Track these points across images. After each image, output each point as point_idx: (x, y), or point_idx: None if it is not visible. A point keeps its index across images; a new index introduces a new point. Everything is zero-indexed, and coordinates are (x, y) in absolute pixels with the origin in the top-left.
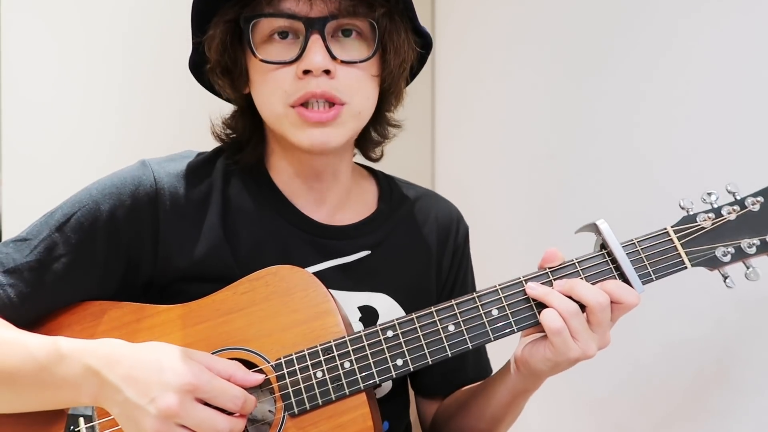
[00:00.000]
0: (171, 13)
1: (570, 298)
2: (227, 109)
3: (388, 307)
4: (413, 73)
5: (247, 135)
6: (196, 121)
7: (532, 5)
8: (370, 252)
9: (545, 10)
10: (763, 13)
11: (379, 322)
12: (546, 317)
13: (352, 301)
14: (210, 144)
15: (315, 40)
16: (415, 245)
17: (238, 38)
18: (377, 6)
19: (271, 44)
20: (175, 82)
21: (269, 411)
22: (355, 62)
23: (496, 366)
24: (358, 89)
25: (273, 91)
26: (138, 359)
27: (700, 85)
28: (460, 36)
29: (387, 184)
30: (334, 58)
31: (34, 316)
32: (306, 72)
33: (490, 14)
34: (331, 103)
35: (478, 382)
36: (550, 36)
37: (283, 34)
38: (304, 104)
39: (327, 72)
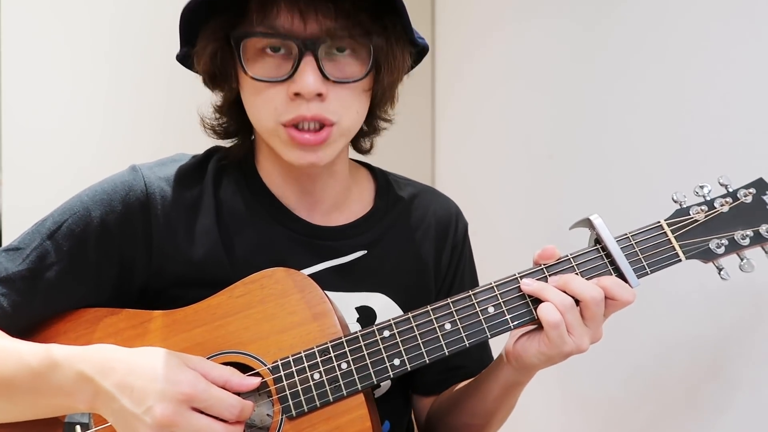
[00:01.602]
0: (173, 14)
1: (565, 293)
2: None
3: (385, 307)
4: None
5: (236, 125)
6: (194, 120)
7: (532, 4)
8: (366, 252)
9: (545, 9)
10: (753, 10)
11: (376, 323)
12: (543, 311)
13: (349, 301)
14: (204, 145)
15: (308, 61)
16: (412, 243)
17: (229, 51)
18: (373, 34)
19: (263, 58)
20: (176, 81)
21: (267, 414)
22: (348, 82)
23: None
24: (349, 107)
25: (263, 106)
26: (133, 366)
27: (693, 81)
28: (460, 34)
29: (384, 181)
30: (326, 78)
31: (27, 325)
32: (297, 94)
33: (489, 12)
34: (321, 124)
35: (470, 379)
36: (550, 34)
37: (276, 49)
38: (295, 125)
39: (319, 94)
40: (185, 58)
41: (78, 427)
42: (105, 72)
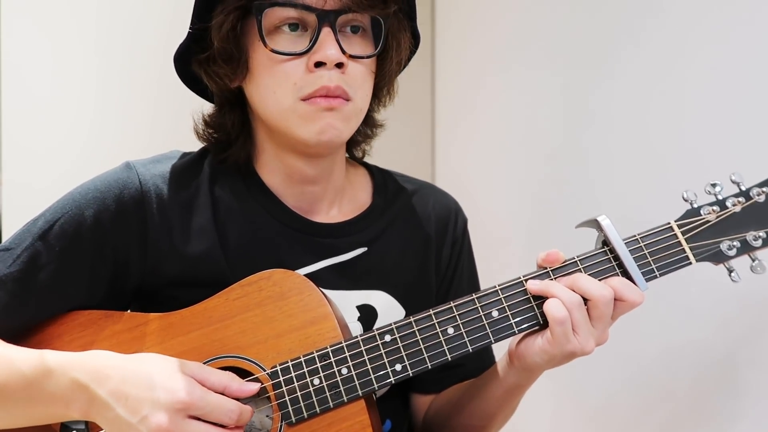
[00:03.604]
0: (177, 11)
1: (572, 291)
2: (208, 107)
3: (386, 305)
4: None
5: (236, 132)
6: (190, 120)
7: (532, 4)
8: (366, 249)
9: (546, 9)
10: (762, 9)
11: (378, 321)
12: (550, 305)
13: (349, 300)
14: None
15: (327, 33)
16: (412, 239)
17: (244, 29)
18: (390, 3)
19: (279, 35)
20: (176, 80)
21: (267, 417)
22: (363, 57)
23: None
24: (361, 85)
25: (281, 83)
26: (128, 374)
27: (701, 77)
28: (461, 34)
29: (382, 178)
30: (343, 52)
31: (20, 328)
32: (317, 65)
33: (490, 12)
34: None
35: (472, 379)
36: (551, 33)
37: (293, 27)
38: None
39: (339, 66)
40: (193, 44)
41: None
42: (107, 72)
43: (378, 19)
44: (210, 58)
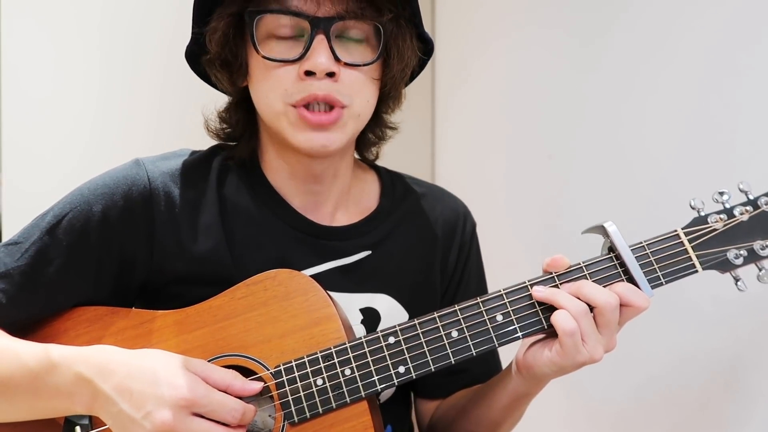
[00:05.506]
0: (179, 11)
1: (578, 299)
2: (220, 104)
3: (389, 308)
4: (412, 76)
5: (241, 129)
6: (195, 118)
7: (532, 4)
8: (370, 252)
9: (545, 9)
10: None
11: (381, 324)
12: (559, 318)
13: (353, 303)
14: (207, 142)
15: (320, 40)
16: (418, 242)
17: (241, 32)
18: (385, 10)
19: (274, 41)
20: (178, 79)
21: (269, 416)
22: (359, 65)
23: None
24: (359, 91)
25: (273, 88)
26: (132, 369)
27: (709, 81)
28: (460, 34)
29: (390, 180)
30: (337, 59)
31: (26, 321)
32: (308, 73)
33: (490, 13)
34: (332, 105)
35: (478, 385)
36: (551, 34)
37: (288, 32)
38: (305, 105)
39: (330, 74)
40: (196, 46)
41: (78, 428)
42: (109, 70)
43: (378, 26)
44: (211, 61)
